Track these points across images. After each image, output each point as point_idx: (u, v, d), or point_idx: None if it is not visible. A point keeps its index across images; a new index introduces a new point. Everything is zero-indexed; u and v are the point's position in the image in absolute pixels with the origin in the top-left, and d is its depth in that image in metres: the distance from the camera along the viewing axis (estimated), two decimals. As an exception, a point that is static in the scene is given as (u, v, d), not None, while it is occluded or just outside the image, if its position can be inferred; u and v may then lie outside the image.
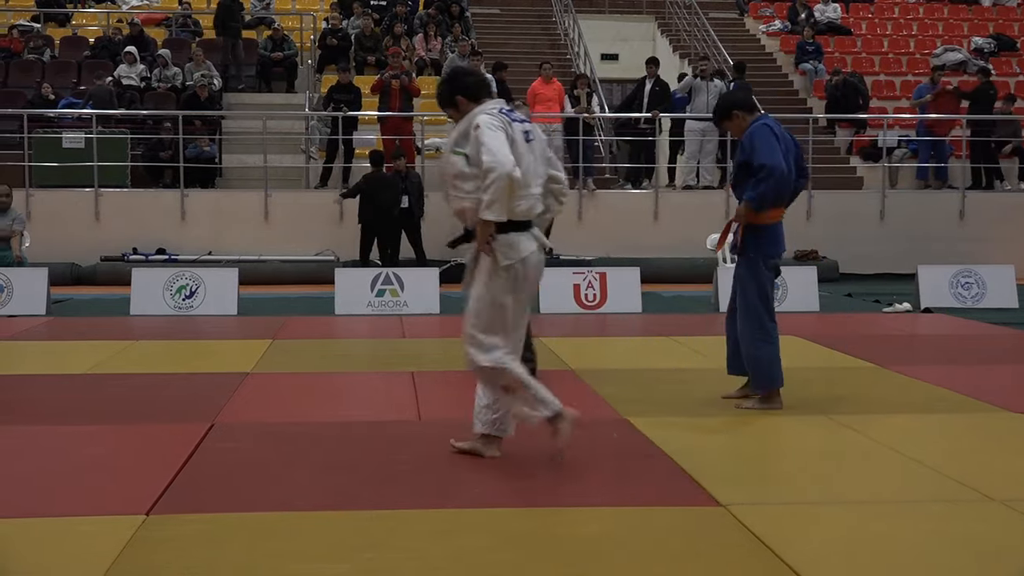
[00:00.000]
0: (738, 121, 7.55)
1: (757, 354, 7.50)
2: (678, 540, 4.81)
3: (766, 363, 7.50)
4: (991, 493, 5.45)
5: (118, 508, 5.17)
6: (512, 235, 5.86)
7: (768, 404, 7.46)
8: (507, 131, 5.80)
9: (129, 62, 19.90)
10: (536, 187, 5.97)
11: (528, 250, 5.93)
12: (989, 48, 23.57)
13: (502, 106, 6.01)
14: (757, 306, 7.53)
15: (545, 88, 17.86)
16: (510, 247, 5.86)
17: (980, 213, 18.01)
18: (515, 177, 5.67)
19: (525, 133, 5.96)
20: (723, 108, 7.69)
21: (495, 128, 5.76)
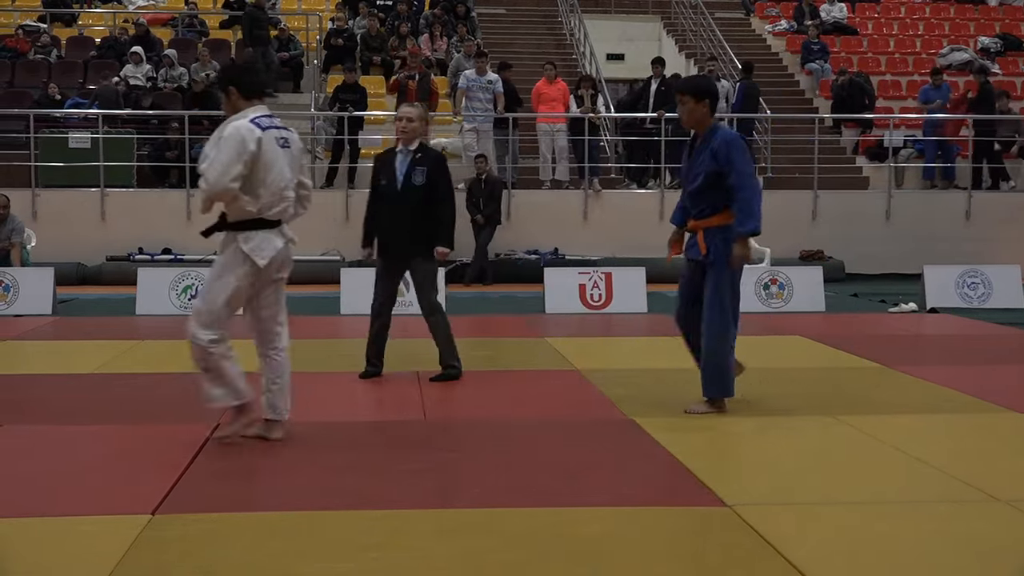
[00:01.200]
0: (702, 111, 7.20)
1: (726, 362, 7.34)
2: (683, 540, 4.82)
3: (729, 371, 7.38)
4: (996, 493, 5.44)
5: (123, 508, 5.17)
6: (262, 233, 6.39)
7: (719, 408, 7.37)
8: (245, 146, 6.17)
9: (135, 62, 19.92)
10: (289, 191, 6.48)
11: (277, 247, 6.47)
12: (996, 48, 23.53)
13: (264, 113, 6.41)
14: (729, 313, 7.33)
15: (549, 88, 17.86)
16: (261, 246, 6.38)
17: (986, 213, 17.98)
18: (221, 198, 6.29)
19: (282, 140, 6.41)
20: (703, 88, 7.32)
21: (232, 145, 6.19)
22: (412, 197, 8.54)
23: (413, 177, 8.56)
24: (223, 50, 21.62)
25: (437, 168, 8.69)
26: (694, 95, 7.21)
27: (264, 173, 6.30)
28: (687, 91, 7.27)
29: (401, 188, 8.56)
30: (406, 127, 8.57)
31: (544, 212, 17.34)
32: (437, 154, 8.95)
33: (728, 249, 7.15)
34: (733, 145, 7.14)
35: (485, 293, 15.32)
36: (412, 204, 8.55)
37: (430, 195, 8.57)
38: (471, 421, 7.26)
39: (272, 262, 6.45)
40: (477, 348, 10.46)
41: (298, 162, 6.63)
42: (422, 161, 8.60)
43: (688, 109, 7.21)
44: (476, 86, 17.52)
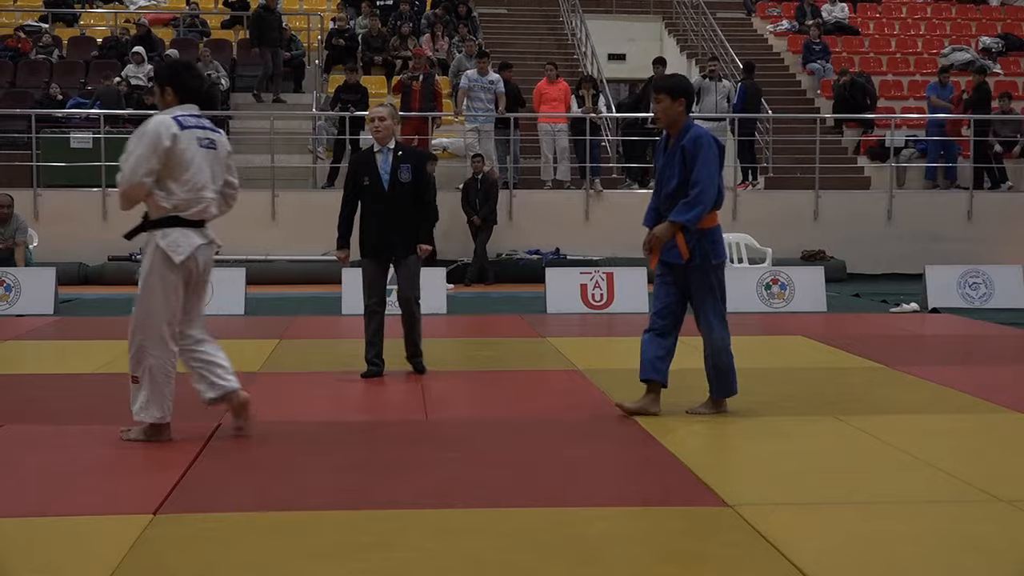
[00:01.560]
0: (677, 109, 7.11)
1: (730, 361, 7.41)
2: (685, 540, 4.81)
3: (733, 370, 7.42)
4: (998, 493, 5.44)
5: (125, 507, 5.18)
6: (179, 230, 6.41)
7: (721, 408, 7.38)
8: (160, 143, 6.24)
9: (137, 62, 19.93)
10: (210, 191, 6.51)
11: (196, 245, 6.44)
12: (997, 48, 23.53)
13: (191, 112, 6.52)
14: (724, 313, 7.37)
15: (550, 88, 17.87)
16: (179, 244, 6.39)
17: (988, 213, 17.98)
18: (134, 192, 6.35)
19: (207, 140, 6.51)
20: (679, 87, 7.21)
21: (147, 140, 6.27)
22: (401, 195, 8.64)
23: (400, 175, 8.63)
24: (225, 50, 21.65)
25: (420, 164, 8.83)
26: (670, 93, 7.11)
27: (179, 171, 6.35)
28: (663, 89, 7.17)
29: (388, 187, 8.63)
30: (379, 127, 8.66)
31: (545, 212, 17.35)
32: (418, 151, 9.08)
33: (713, 249, 7.14)
34: (701, 143, 7.03)
35: (487, 293, 15.33)
36: (402, 202, 8.64)
37: (417, 192, 8.68)
38: (473, 421, 7.26)
39: (191, 259, 6.45)
40: (479, 348, 10.47)
41: (224, 163, 6.70)
42: (405, 159, 8.69)
43: (663, 107, 7.13)
44: (478, 86, 17.52)
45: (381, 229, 8.69)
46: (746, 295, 13.46)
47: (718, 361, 7.33)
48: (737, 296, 13.38)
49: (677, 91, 7.15)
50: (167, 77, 6.64)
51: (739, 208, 17.52)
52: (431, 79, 18.22)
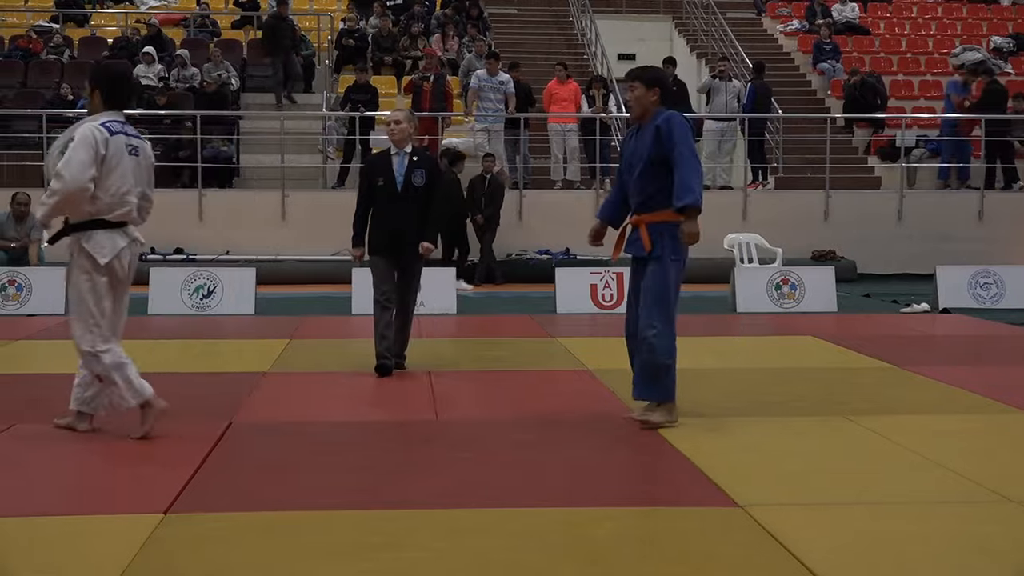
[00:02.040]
0: (650, 99, 6.93)
1: (669, 363, 6.89)
2: (695, 540, 4.81)
3: (673, 374, 6.94)
4: (1008, 494, 5.43)
5: (136, 507, 5.19)
6: (103, 232, 6.52)
7: (671, 416, 6.92)
8: (97, 149, 6.36)
9: (147, 62, 19.96)
10: (133, 196, 6.62)
11: (120, 246, 6.58)
12: (1008, 47, 23.47)
13: (116, 119, 6.60)
14: (673, 313, 6.94)
15: (560, 88, 17.87)
16: (103, 245, 6.51)
17: (999, 213, 17.93)
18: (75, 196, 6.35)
19: (131, 147, 6.59)
20: (654, 77, 7.05)
21: (86, 145, 6.36)
22: (413, 198, 8.83)
23: (413, 178, 8.83)
24: (235, 50, 21.67)
25: (434, 169, 9.03)
26: (644, 82, 6.97)
27: (105, 177, 6.45)
28: (638, 77, 7.02)
29: (402, 189, 8.82)
30: (395, 130, 8.88)
31: (555, 212, 17.33)
32: (432, 156, 9.26)
33: (676, 246, 6.91)
34: (675, 122, 6.81)
35: (496, 293, 15.33)
36: (414, 204, 8.82)
37: (429, 196, 8.87)
38: (483, 421, 7.27)
39: (116, 260, 6.57)
40: (489, 348, 10.47)
41: (146, 172, 6.79)
42: (420, 163, 8.89)
43: (637, 96, 6.98)
44: (487, 86, 17.53)
45: (391, 230, 8.85)
46: (756, 295, 13.45)
47: (653, 359, 6.86)
48: (747, 296, 13.45)
49: (651, 81, 7.00)
50: (98, 80, 6.75)
51: (749, 208, 17.50)
52: (442, 79, 18.23)
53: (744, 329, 12.27)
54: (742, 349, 10.63)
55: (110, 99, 6.67)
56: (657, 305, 6.89)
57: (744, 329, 12.27)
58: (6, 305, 12.92)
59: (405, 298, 9.02)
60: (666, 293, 6.91)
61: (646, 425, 6.90)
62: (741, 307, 13.38)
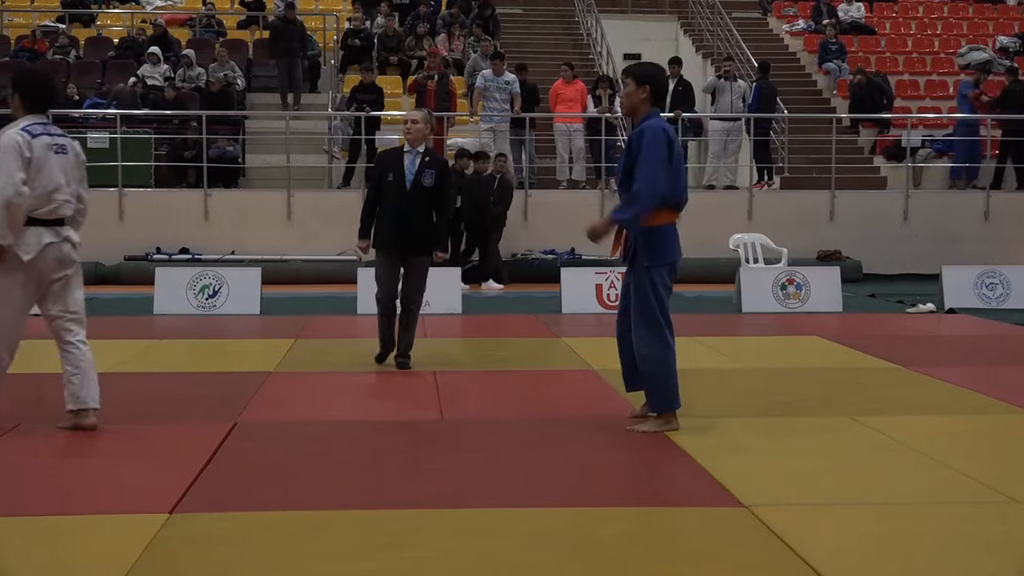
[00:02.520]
0: (640, 96, 6.85)
1: (659, 371, 6.82)
2: (700, 541, 4.81)
3: (669, 382, 6.84)
4: (1015, 494, 5.42)
5: (141, 507, 5.19)
6: (31, 231, 6.55)
7: (667, 425, 6.82)
8: (22, 152, 6.47)
9: (153, 62, 19.98)
10: (63, 194, 6.69)
11: (44, 243, 6.60)
12: (1015, 47, 23.42)
13: (38, 121, 6.70)
14: (659, 320, 6.79)
15: (567, 88, 17.85)
16: (28, 243, 6.54)
17: (1005, 213, 17.90)
18: (14, 203, 6.38)
19: (56, 146, 6.69)
20: (646, 73, 6.94)
21: (11, 152, 6.45)
22: (420, 197, 8.91)
23: (423, 179, 8.90)
24: (241, 50, 21.68)
25: (444, 172, 9.07)
26: (635, 78, 6.89)
27: (33, 178, 6.52)
28: (630, 74, 6.98)
29: (410, 188, 8.88)
30: (411, 129, 8.95)
31: (561, 212, 17.31)
32: (443, 158, 9.35)
33: (651, 250, 6.80)
34: (646, 134, 6.68)
35: (502, 293, 15.33)
36: (419, 204, 8.91)
37: (436, 197, 8.94)
38: (488, 421, 7.27)
39: (40, 258, 6.59)
40: (494, 348, 10.47)
41: (76, 169, 6.87)
42: (431, 164, 8.96)
43: (627, 92, 6.94)
44: (493, 86, 17.52)
45: (396, 227, 8.93)
46: (762, 295, 13.44)
47: (644, 369, 6.86)
48: (753, 296, 13.44)
49: (642, 77, 6.91)
50: (19, 85, 6.80)
51: (755, 208, 17.49)
52: (446, 79, 18.22)
53: (749, 329, 12.26)
54: (747, 349, 10.62)
55: (32, 103, 6.76)
56: (640, 316, 6.86)
57: (749, 329, 12.26)
58: (12, 305, 12.93)
59: (410, 297, 9.06)
60: (648, 302, 6.81)
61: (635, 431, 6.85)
62: (746, 307, 13.38)
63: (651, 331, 6.80)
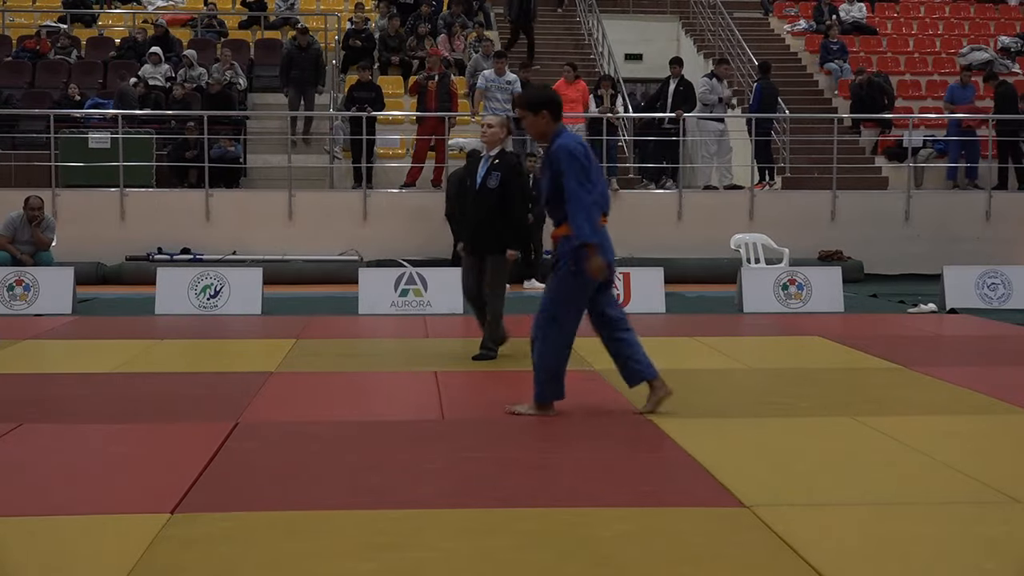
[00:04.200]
0: (540, 122, 7.13)
1: (557, 366, 7.17)
2: (701, 541, 4.81)
3: (561, 375, 7.22)
4: (1016, 495, 5.42)
5: (142, 507, 5.19)
6: None
7: (544, 412, 7.25)
8: None
9: (154, 62, 19.99)
10: None
11: None
12: (1016, 47, 23.43)
13: None
14: (572, 320, 7.13)
15: (569, 88, 17.83)
16: None
17: (1006, 214, 17.91)
18: None
19: None
20: (535, 100, 7.20)
21: None
22: (486, 199, 9.36)
23: (488, 180, 9.32)
24: (242, 50, 21.69)
25: (510, 173, 9.40)
26: (529, 108, 7.17)
27: None
28: (522, 106, 7.29)
29: (478, 189, 9.40)
30: (486, 132, 9.46)
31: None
32: (514, 159, 9.68)
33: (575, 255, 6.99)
34: (561, 152, 6.98)
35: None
36: (486, 205, 9.35)
37: (503, 198, 9.32)
38: (489, 420, 7.26)
39: None
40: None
41: None
42: (498, 167, 9.33)
43: (528, 123, 7.20)
44: (494, 86, 17.52)
45: (470, 227, 9.55)
46: (763, 295, 13.44)
47: (545, 365, 7.19)
48: (754, 296, 13.44)
49: (534, 105, 7.17)
50: None
51: (756, 208, 17.50)
52: (447, 79, 18.22)
53: (751, 329, 12.26)
54: (749, 349, 10.61)
55: None
56: (544, 313, 7.15)
57: (751, 329, 12.26)
58: (13, 305, 12.95)
59: (486, 293, 9.54)
60: (555, 303, 7.13)
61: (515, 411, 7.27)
62: (748, 307, 13.38)
63: (554, 332, 7.13)
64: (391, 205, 17.41)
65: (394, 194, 17.87)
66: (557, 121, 7.19)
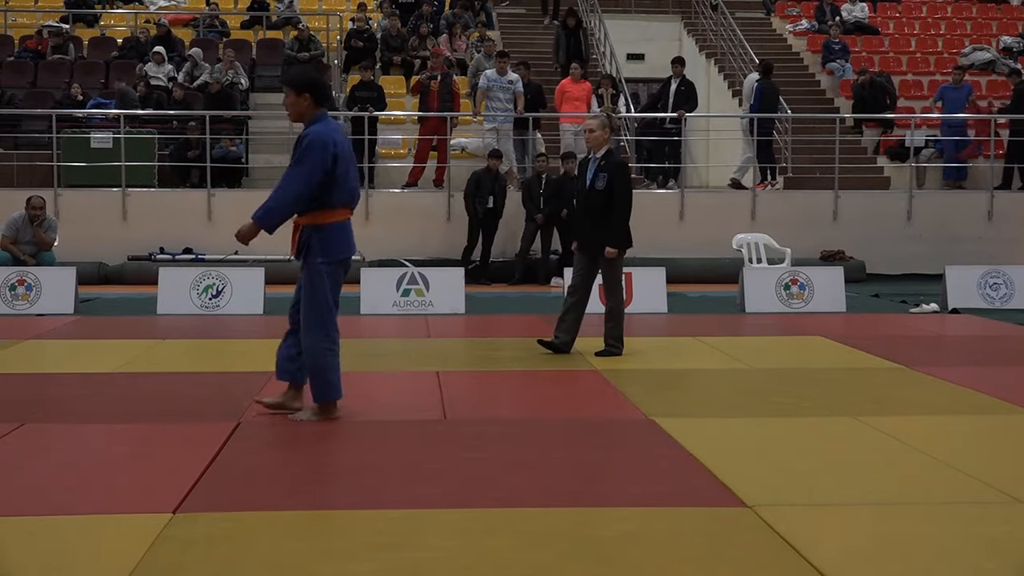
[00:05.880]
0: (302, 103, 6.99)
1: (323, 364, 7.08)
2: (703, 541, 4.81)
3: (331, 373, 7.13)
4: (1018, 495, 5.42)
5: (144, 507, 5.19)
6: None
7: (325, 414, 7.14)
8: None
9: (157, 62, 19.99)
10: None
11: None
12: (1018, 47, 23.40)
13: None
14: (325, 314, 7.07)
15: (574, 88, 17.81)
16: None
17: (1009, 214, 17.88)
18: None
19: None
20: (302, 81, 7.06)
21: None
22: (593, 200, 9.63)
23: (596, 182, 9.62)
24: (244, 50, 21.69)
25: (615, 174, 9.61)
26: (294, 88, 7.03)
27: None
28: (288, 83, 7.16)
29: (587, 191, 9.67)
30: (588, 137, 9.77)
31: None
32: (618, 161, 9.90)
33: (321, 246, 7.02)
34: (300, 143, 6.94)
35: (505, 293, 15.33)
36: (593, 206, 9.62)
37: (610, 199, 9.57)
38: (491, 420, 7.26)
39: None
40: (497, 348, 10.48)
41: None
42: (604, 168, 9.62)
43: (289, 102, 7.08)
44: (496, 86, 17.50)
45: (581, 226, 9.89)
46: (765, 295, 13.44)
47: (307, 360, 7.12)
48: (756, 296, 13.43)
49: (301, 85, 7.04)
50: None
51: (758, 208, 17.48)
52: (449, 79, 18.21)
53: (753, 329, 12.26)
54: (751, 349, 10.61)
55: None
56: (308, 310, 7.08)
57: (753, 329, 12.26)
58: (15, 305, 12.95)
59: (605, 292, 9.90)
60: (315, 298, 7.05)
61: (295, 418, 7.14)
62: (750, 307, 13.37)
63: (317, 325, 7.05)
64: (393, 205, 17.39)
65: (396, 194, 17.86)
66: (319, 107, 7.04)
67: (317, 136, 6.94)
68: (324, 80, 7.34)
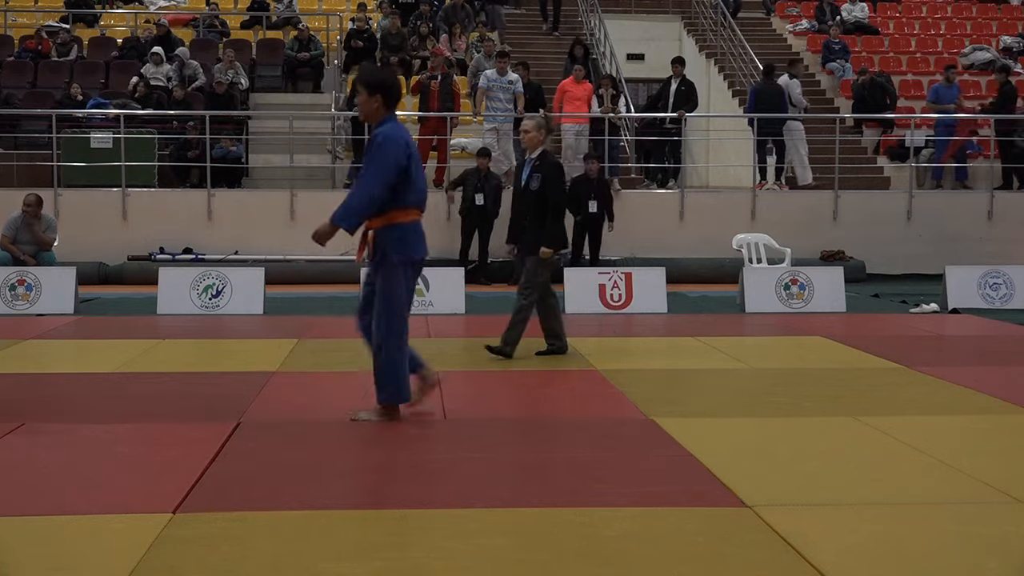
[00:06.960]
0: (372, 105, 7.00)
1: (396, 367, 7.10)
2: (703, 541, 4.81)
3: (403, 376, 7.14)
4: (1018, 495, 5.42)
5: (144, 507, 5.19)
6: None
7: (388, 417, 7.12)
8: None
9: (156, 62, 19.99)
10: None
11: None
12: (1018, 47, 23.42)
13: None
14: (401, 315, 7.10)
15: (575, 87, 17.79)
16: None
17: (1009, 213, 17.88)
18: None
19: None
20: (375, 82, 7.05)
21: None
22: (527, 200, 9.59)
23: (531, 183, 9.53)
24: (244, 50, 21.70)
25: (549, 175, 9.57)
26: (367, 88, 7.02)
27: None
28: (362, 83, 7.12)
29: (522, 191, 9.65)
30: (524, 137, 9.73)
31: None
32: (553, 161, 9.85)
33: (394, 247, 7.01)
34: (377, 141, 6.93)
35: (506, 293, 15.30)
36: (527, 206, 9.60)
37: (544, 200, 9.52)
38: (491, 420, 7.27)
39: None
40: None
41: None
42: (539, 169, 9.57)
43: (361, 101, 7.08)
44: (496, 86, 17.50)
45: (515, 227, 9.99)
46: (765, 295, 13.44)
47: (375, 361, 7.14)
48: (756, 296, 13.43)
49: (373, 87, 7.03)
50: None
51: (758, 208, 17.48)
52: (449, 79, 18.21)
53: (753, 329, 12.26)
54: (751, 349, 10.61)
55: None
56: (382, 310, 7.07)
57: (753, 329, 12.26)
58: (15, 305, 12.96)
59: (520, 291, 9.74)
60: (390, 298, 7.05)
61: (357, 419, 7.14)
62: (750, 307, 13.37)
63: (392, 327, 7.06)
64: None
65: (396, 194, 17.84)
66: (388, 110, 7.03)
67: (389, 136, 6.94)
68: (397, 83, 7.34)
